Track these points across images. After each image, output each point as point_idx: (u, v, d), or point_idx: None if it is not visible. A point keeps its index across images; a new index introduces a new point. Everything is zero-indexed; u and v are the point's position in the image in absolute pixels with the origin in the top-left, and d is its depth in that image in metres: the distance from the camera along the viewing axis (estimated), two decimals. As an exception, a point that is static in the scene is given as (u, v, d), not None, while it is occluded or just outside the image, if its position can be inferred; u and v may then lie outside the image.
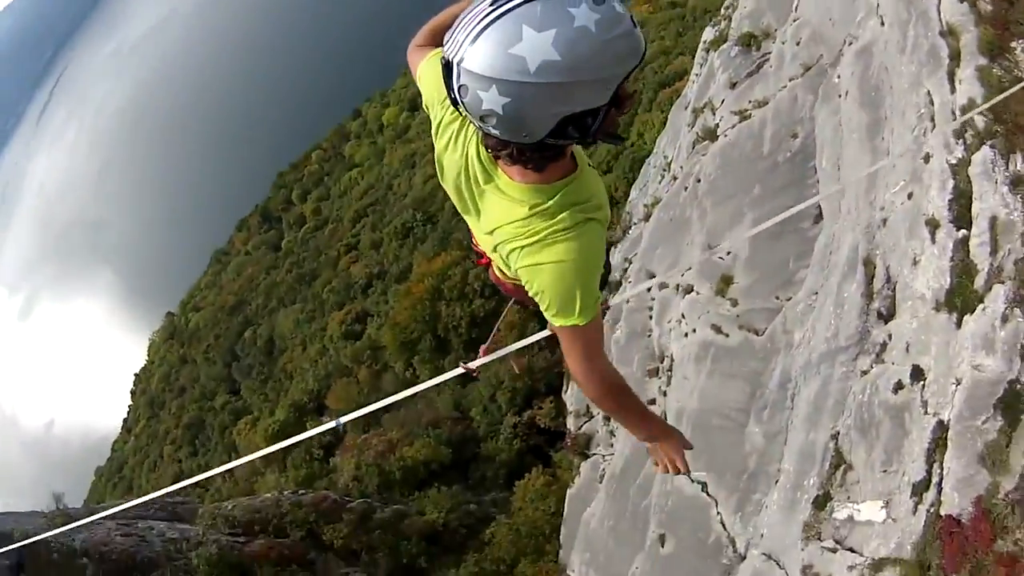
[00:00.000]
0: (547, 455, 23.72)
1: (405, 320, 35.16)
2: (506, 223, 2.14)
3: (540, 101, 1.68)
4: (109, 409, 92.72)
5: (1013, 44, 6.24)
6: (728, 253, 12.15)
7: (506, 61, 1.63)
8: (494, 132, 1.81)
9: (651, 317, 14.49)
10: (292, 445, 37.04)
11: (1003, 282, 4.92)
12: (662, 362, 13.62)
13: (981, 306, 4.95)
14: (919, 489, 4.77)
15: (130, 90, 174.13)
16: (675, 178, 16.27)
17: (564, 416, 20.58)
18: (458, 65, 1.70)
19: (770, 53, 12.97)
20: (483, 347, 3.83)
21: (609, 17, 1.65)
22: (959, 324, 5.09)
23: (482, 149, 2.14)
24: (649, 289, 15.69)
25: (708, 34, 16.55)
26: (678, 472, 2.74)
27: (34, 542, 13.78)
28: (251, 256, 78.18)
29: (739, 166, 12.66)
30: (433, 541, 21.12)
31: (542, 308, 2.23)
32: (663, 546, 10.57)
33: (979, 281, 5.12)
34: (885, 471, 5.28)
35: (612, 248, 19.27)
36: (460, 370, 3.60)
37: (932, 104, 6.58)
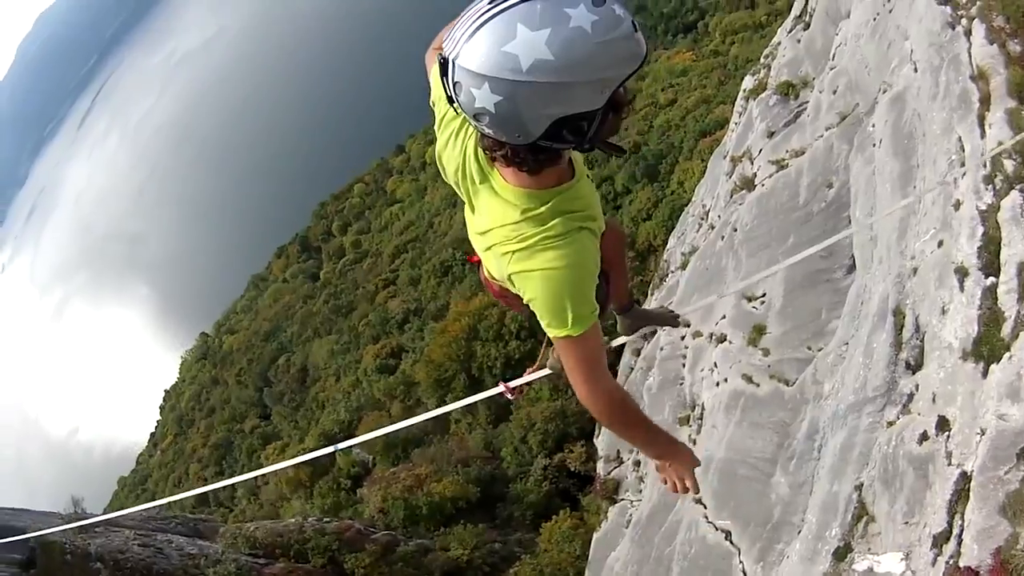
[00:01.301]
0: (575, 498, 23.56)
1: (440, 358, 35.23)
2: (498, 225, 2.14)
3: (533, 101, 1.67)
4: (135, 421, 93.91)
5: None
6: (762, 303, 12.10)
7: (499, 59, 1.63)
8: (488, 131, 1.81)
9: (684, 365, 14.43)
10: (321, 474, 37.14)
11: None
12: (693, 410, 13.54)
13: (1008, 354, 4.84)
14: (939, 541, 4.66)
15: (174, 105, 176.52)
16: (712, 227, 16.28)
17: (595, 460, 20.43)
18: (453, 62, 1.70)
19: (807, 102, 13.01)
20: (529, 369, 3.80)
21: (607, 19, 1.64)
22: (985, 373, 4.99)
23: (479, 149, 2.13)
24: (683, 338, 15.65)
25: (748, 83, 16.64)
26: (687, 491, 2.64)
27: (49, 542, 13.85)
28: (288, 284, 79.14)
29: (775, 216, 12.64)
30: (456, 577, 20.78)
31: (539, 319, 2.21)
32: (685, 595, 10.41)
33: (1006, 329, 5.02)
34: (907, 523, 5.17)
35: (648, 297, 19.27)
36: (500, 388, 3.58)
37: (963, 150, 6.52)
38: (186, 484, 60.91)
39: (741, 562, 9.07)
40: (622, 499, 16.73)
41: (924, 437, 5.39)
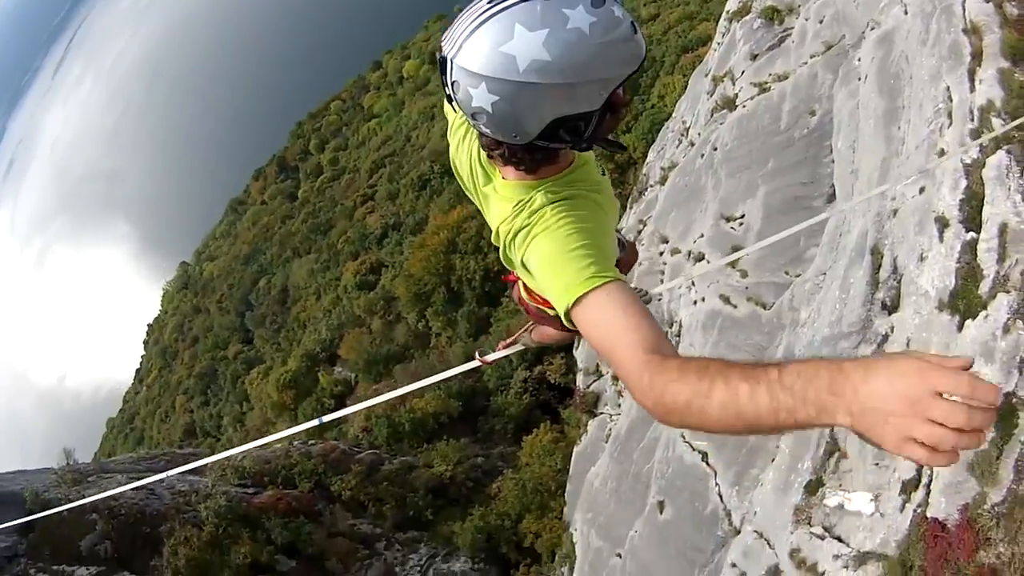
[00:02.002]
0: (556, 411, 23.83)
1: (419, 272, 35.17)
2: (500, 222, 2.09)
3: (529, 101, 1.65)
4: (122, 361, 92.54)
5: None
6: (740, 223, 12.18)
7: (496, 59, 1.61)
8: (485, 131, 1.79)
9: (662, 281, 14.53)
10: (304, 396, 37.56)
11: (1008, 292, 4.88)
12: (671, 327, 13.72)
13: (984, 313, 4.94)
14: (908, 488, 4.86)
15: (147, 42, 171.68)
16: (692, 144, 16.20)
17: (574, 373, 20.75)
18: (452, 61, 1.68)
19: (792, 28, 12.77)
20: (502, 342, 3.80)
21: (606, 20, 1.62)
22: (960, 327, 5.10)
23: (482, 151, 2.09)
24: (661, 253, 15.74)
25: (732, 4, 16.27)
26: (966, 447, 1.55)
27: (45, 500, 13.97)
28: (267, 206, 77.57)
29: (755, 138, 12.59)
30: (440, 494, 21.41)
31: (551, 299, 1.82)
32: (661, 513, 10.79)
33: (984, 287, 5.10)
34: (877, 464, 5.36)
35: (627, 210, 19.22)
36: (476, 363, 3.56)
37: (951, 100, 6.49)
38: (173, 417, 61.04)
39: (717, 484, 9.40)
40: (601, 413, 17.05)
41: (897, 380, 5.52)
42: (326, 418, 3.85)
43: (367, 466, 21.15)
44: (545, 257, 1.84)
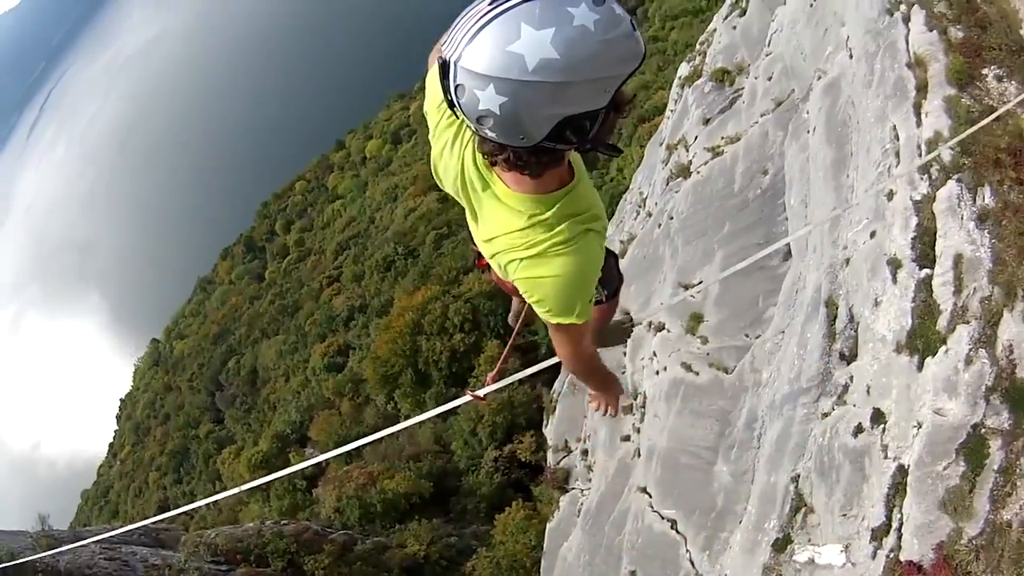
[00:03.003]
0: (528, 488, 23.62)
1: (386, 354, 34.99)
2: (503, 233, 2.13)
3: (538, 101, 1.65)
4: (95, 432, 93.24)
5: (984, 71, 6.04)
6: (698, 291, 12.16)
7: (504, 59, 1.61)
8: (491, 135, 1.77)
9: (624, 354, 14.44)
10: (287, 473, 36.94)
11: (967, 322, 4.80)
12: (636, 399, 13.57)
13: (944, 348, 4.84)
14: (879, 534, 4.67)
15: (119, 108, 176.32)
16: (649, 214, 16.29)
17: (544, 450, 20.47)
18: (455, 64, 1.67)
19: (743, 89, 13.04)
20: (490, 375, 3.76)
21: (609, 18, 1.64)
22: (920, 367, 4.98)
23: (478, 155, 2.10)
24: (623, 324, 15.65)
25: (683, 70, 16.66)
26: (615, 415, 3.32)
27: (21, 563, 13.70)
28: (235, 286, 78.60)
29: (710, 203, 12.67)
30: (414, 573, 21.09)
31: (538, 310, 2.32)
32: (634, 583, 10.43)
33: (941, 322, 5.01)
34: (844, 515, 5.17)
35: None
36: (468, 398, 3.55)
37: (897, 139, 6.48)
38: (146, 493, 60.66)
39: (688, 551, 9.09)
40: (572, 488, 16.74)
41: (859, 429, 5.39)
42: (331, 453, 3.71)
43: (340, 546, 20.83)
44: (551, 297, 2.19)
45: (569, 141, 1.79)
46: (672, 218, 14.29)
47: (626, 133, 35.63)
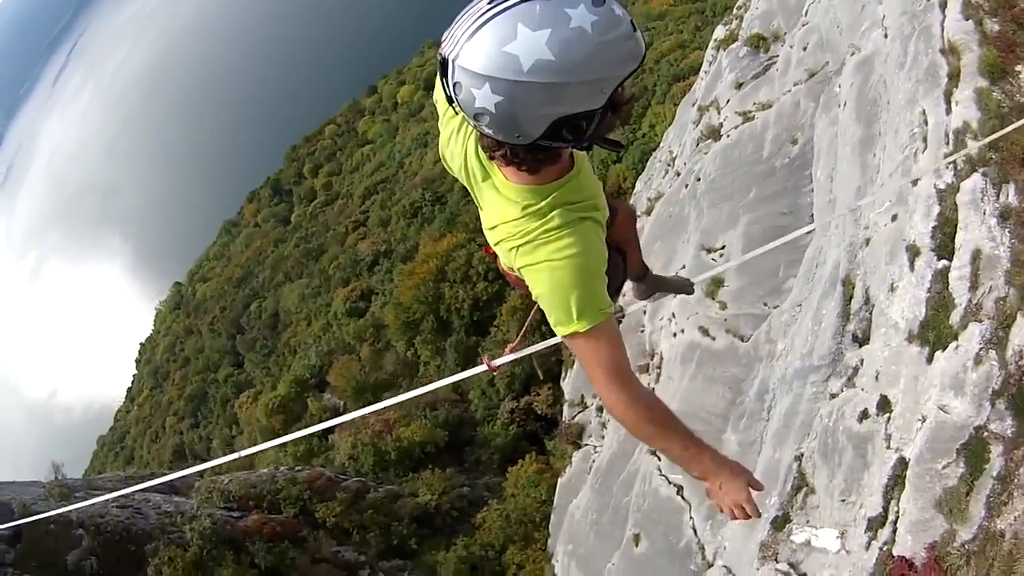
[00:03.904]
0: (542, 442, 23.81)
1: (408, 300, 35.13)
2: (502, 222, 2.14)
3: (533, 101, 1.66)
4: (113, 378, 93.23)
5: (1018, 68, 5.90)
6: (721, 255, 12.08)
7: (500, 59, 1.62)
8: (488, 131, 1.79)
9: (644, 312, 14.45)
10: (293, 421, 37.35)
11: (980, 321, 4.72)
12: (652, 359, 13.60)
13: (954, 344, 4.77)
14: (874, 525, 4.68)
15: (147, 56, 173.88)
16: (678, 174, 16.16)
17: (561, 403, 20.62)
18: (453, 62, 1.69)
19: (777, 56, 12.77)
20: (510, 346, 3.77)
21: (607, 19, 1.63)
22: (930, 359, 4.93)
23: (479, 147, 2.12)
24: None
25: (719, 32, 16.34)
26: (747, 517, 2.27)
27: (33, 511, 14.07)
28: (260, 228, 78.24)
29: (738, 168, 12.52)
30: (424, 523, 21.38)
31: (548, 318, 2.17)
32: (637, 546, 10.59)
33: (955, 317, 4.93)
34: (843, 500, 5.19)
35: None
36: (483, 367, 3.54)
37: (926, 124, 6.35)
38: (163, 438, 61.19)
39: (691, 518, 9.20)
40: (586, 444, 16.93)
41: (864, 415, 5.38)
42: (345, 417, 3.82)
43: (352, 494, 21.19)
44: (548, 289, 2.09)
45: (565, 139, 1.79)
46: (699, 179, 14.17)
47: (660, 90, 35.01)
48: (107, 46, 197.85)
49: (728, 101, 13.95)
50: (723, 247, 12.31)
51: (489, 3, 1.65)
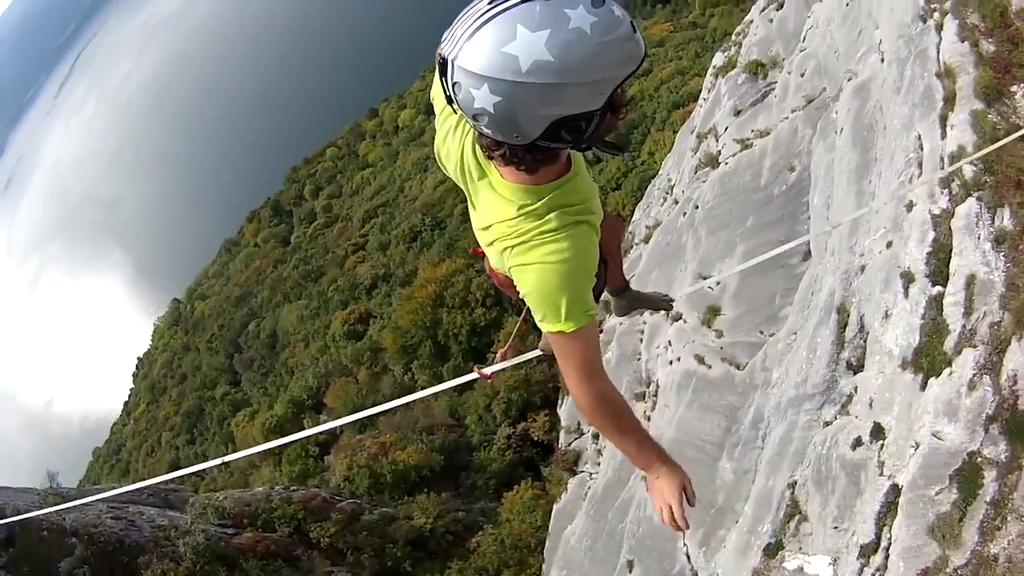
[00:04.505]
0: (538, 468, 23.73)
1: (407, 324, 35.21)
2: (497, 221, 2.14)
3: (531, 101, 1.66)
4: (110, 390, 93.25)
5: (1014, 88, 5.87)
6: (717, 284, 12.09)
7: (499, 60, 1.62)
8: (487, 131, 1.80)
9: (641, 341, 14.43)
10: (290, 441, 37.43)
11: (975, 346, 4.69)
12: (648, 387, 13.56)
13: (948, 370, 4.75)
14: (867, 551, 4.63)
15: (151, 69, 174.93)
16: (676, 202, 16.20)
17: (557, 430, 20.56)
18: (452, 62, 1.69)
19: (776, 83, 12.85)
20: (501, 351, 3.77)
21: (606, 20, 1.63)
22: (923, 386, 4.90)
23: (476, 146, 2.12)
24: (641, 312, 15.62)
25: (718, 59, 16.45)
26: (674, 523, 2.36)
27: (26, 519, 14.01)
28: (260, 248, 78.51)
29: (736, 196, 12.56)
30: (419, 546, 21.20)
31: (533, 314, 2.21)
32: (631, 572, 10.50)
33: (949, 343, 4.91)
34: (836, 527, 5.14)
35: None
36: (475, 375, 3.55)
37: (922, 149, 6.35)
38: (159, 453, 61.05)
39: (685, 544, 9.12)
40: (581, 471, 16.84)
41: (858, 443, 5.34)
42: (344, 421, 3.78)
43: (347, 515, 21.01)
44: (538, 289, 2.10)
45: (564, 140, 1.80)
46: (697, 207, 14.20)
47: (659, 117, 35.30)
48: (111, 58, 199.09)
49: (726, 128, 14.02)
50: (720, 275, 12.33)
51: (489, 3, 1.65)
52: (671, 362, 12.38)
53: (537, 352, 3.66)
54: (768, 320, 10.23)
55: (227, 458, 4.44)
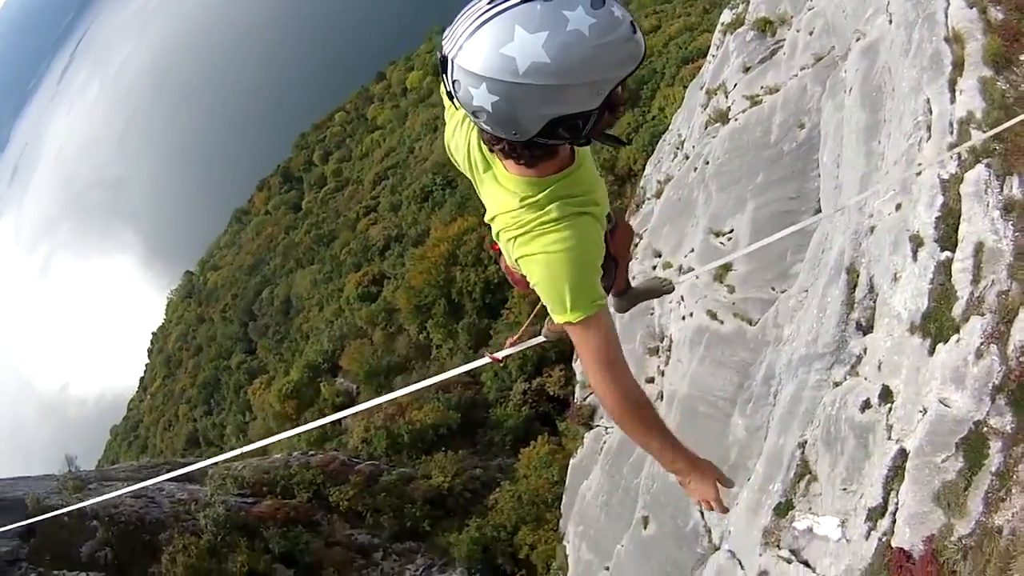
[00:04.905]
0: (554, 423, 23.82)
1: (420, 284, 35.26)
2: (501, 213, 2.17)
3: (529, 102, 1.69)
4: (126, 368, 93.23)
5: (1022, 57, 5.84)
6: (729, 239, 12.10)
7: (497, 60, 1.64)
8: (486, 128, 1.83)
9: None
10: (306, 406, 37.57)
11: (982, 314, 4.71)
12: (662, 341, 13.66)
13: (956, 337, 4.78)
14: (874, 515, 4.73)
15: (153, 49, 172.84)
16: (687, 157, 16.14)
17: (573, 384, 20.70)
18: (452, 61, 1.71)
19: (784, 40, 12.69)
20: (511, 338, 3.85)
21: (605, 22, 1.64)
22: (932, 351, 4.95)
23: (481, 139, 2.14)
24: (654, 267, 15.68)
25: (726, 16, 16.22)
26: (711, 510, 2.39)
27: (46, 507, 14.18)
28: (271, 216, 78.14)
29: (746, 152, 12.51)
30: (437, 505, 21.43)
31: (546, 305, 2.21)
32: (645, 528, 10.70)
33: (957, 309, 4.93)
34: (845, 489, 5.25)
35: (626, 224, 19.13)
36: (487, 359, 3.64)
37: (930, 113, 6.31)
38: (176, 426, 61.22)
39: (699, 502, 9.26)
40: (597, 425, 17.01)
41: (867, 405, 5.41)
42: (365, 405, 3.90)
43: (366, 477, 21.21)
44: (542, 275, 2.11)
45: (562, 137, 1.82)
46: (708, 163, 14.16)
47: (669, 73, 34.83)
48: (112, 41, 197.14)
49: (735, 85, 13.90)
50: (731, 231, 12.32)
51: (489, 3, 1.67)
52: (684, 317, 12.45)
53: (541, 339, 3.72)
54: (779, 276, 10.26)
55: (289, 432, 4.46)
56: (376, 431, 26.03)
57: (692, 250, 13.31)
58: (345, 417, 32.34)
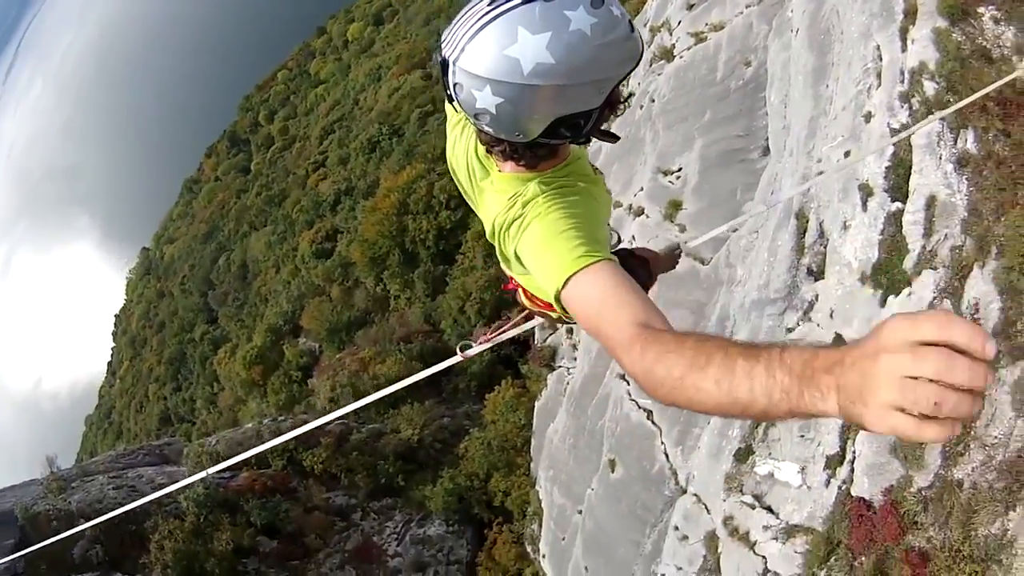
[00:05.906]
0: (517, 366, 23.92)
1: (373, 236, 34.89)
2: (493, 216, 2.12)
3: (533, 103, 1.67)
4: (94, 356, 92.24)
5: (980, 9, 5.75)
6: (678, 177, 12.10)
7: (500, 62, 1.62)
8: (488, 130, 1.80)
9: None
10: (272, 370, 37.38)
11: (935, 268, 4.75)
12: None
13: (908, 290, 4.83)
14: (832, 463, 4.86)
15: (93, 33, 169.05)
16: (632, 94, 16.03)
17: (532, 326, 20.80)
18: (454, 64, 1.69)
19: (728, -24, 12.51)
20: (483, 337, 3.77)
21: (606, 21, 1.62)
22: (883, 303, 5.01)
23: (479, 145, 2.11)
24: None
25: (669, -48, 15.92)
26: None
27: (34, 515, 14.17)
28: (221, 182, 76.42)
29: (692, 89, 12.44)
30: (409, 459, 21.73)
31: (543, 283, 1.87)
32: (613, 471, 10.89)
33: (908, 262, 4.98)
34: (802, 436, 5.36)
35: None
36: (458, 358, 3.40)
37: (880, 60, 6.27)
38: (148, 407, 60.66)
39: (663, 443, 9.45)
40: (559, 366, 17.16)
41: (821, 352, 5.46)
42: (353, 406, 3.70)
43: (336, 437, 21.36)
44: (536, 242, 1.88)
45: (563, 136, 1.81)
46: (654, 100, 14.08)
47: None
48: (53, 33, 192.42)
49: (680, 22, 13.76)
50: (679, 169, 12.33)
51: (489, 4, 1.64)
52: (635, 256, 12.47)
53: (516, 331, 3.65)
54: (730, 214, 10.29)
55: (319, 421, 4.16)
56: (342, 389, 26.00)
57: (641, 188, 13.31)
58: (314, 370, 32.15)
